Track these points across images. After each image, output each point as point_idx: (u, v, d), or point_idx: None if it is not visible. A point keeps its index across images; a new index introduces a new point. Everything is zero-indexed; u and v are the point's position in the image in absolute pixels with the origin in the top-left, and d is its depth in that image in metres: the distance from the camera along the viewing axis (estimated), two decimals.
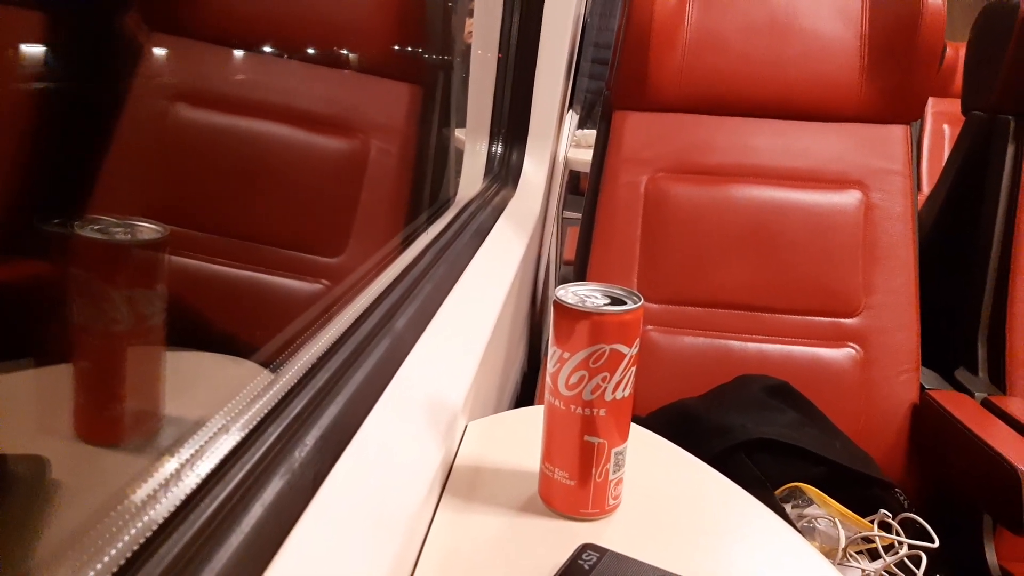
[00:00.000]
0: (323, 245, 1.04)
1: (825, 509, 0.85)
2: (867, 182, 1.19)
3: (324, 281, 1.02)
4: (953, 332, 1.25)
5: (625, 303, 0.47)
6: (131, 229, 0.46)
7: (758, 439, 0.91)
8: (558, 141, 1.45)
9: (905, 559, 0.81)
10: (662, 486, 0.54)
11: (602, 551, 0.44)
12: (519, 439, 0.58)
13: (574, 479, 0.48)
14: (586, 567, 0.42)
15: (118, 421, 0.43)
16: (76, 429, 0.42)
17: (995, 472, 0.94)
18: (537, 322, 1.48)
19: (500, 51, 1.23)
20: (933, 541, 0.80)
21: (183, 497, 0.31)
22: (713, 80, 1.23)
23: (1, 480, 0.35)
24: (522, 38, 1.24)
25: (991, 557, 1.03)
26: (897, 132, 1.21)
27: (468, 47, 1.28)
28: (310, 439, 0.39)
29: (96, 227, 0.44)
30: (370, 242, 1.04)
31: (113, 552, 0.27)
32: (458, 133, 1.29)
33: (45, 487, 0.37)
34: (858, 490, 0.91)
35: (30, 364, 0.42)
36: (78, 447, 0.42)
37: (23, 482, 0.36)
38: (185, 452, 0.33)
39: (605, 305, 0.47)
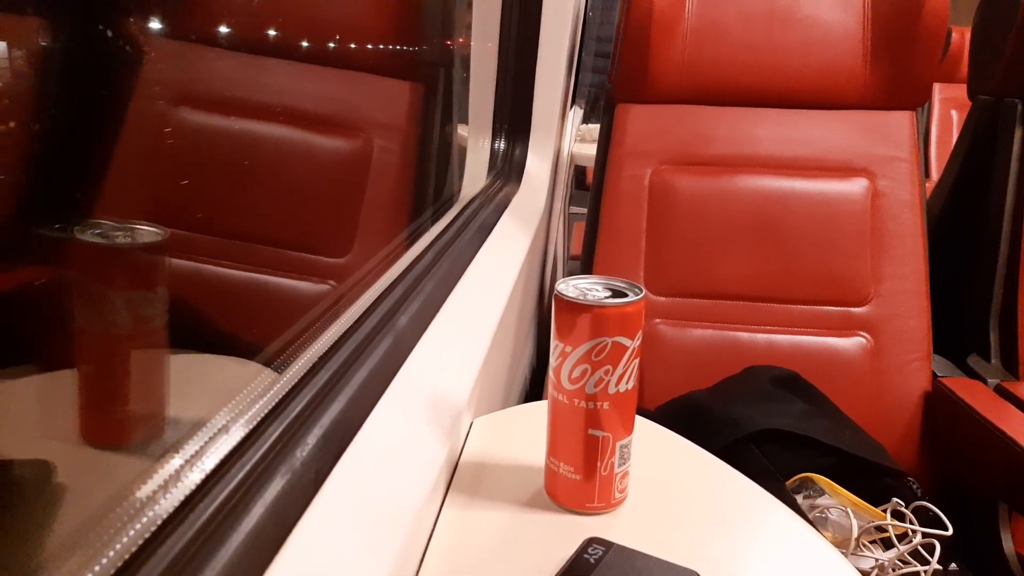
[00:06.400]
0: (329, 245, 1.04)
1: (837, 499, 0.84)
2: (873, 169, 1.18)
3: (331, 281, 1.02)
4: (964, 318, 1.24)
5: (626, 295, 0.47)
6: (131, 232, 0.46)
7: (767, 430, 0.90)
8: (562, 136, 1.45)
9: (919, 548, 0.80)
10: (670, 479, 0.54)
11: (608, 545, 0.44)
12: (525, 434, 0.58)
13: (579, 473, 0.48)
14: (592, 561, 0.42)
15: (121, 424, 0.43)
16: (80, 433, 0.43)
17: (1010, 459, 0.93)
18: (545, 318, 1.48)
19: (501, 46, 1.23)
20: (947, 529, 0.79)
21: (184, 497, 0.31)
22: (715, 70, 1.22)
23: (7, 485, 0.35)
24: (522, 33, 1.23)
25: (1007, 544, 1.02)
26: (902, 118, 1.20)
27: (468, 44, 1.28)
28: (312, 438, 0.39)
29: (96, 231, 0.44)
30: (376, 241, 1.04)
31: (112, 553, 0.27)
32: (460, 130, 1.29)
33: (51, 491, 0.37)
34: (870, 479, 0.90)
35: (33, 370, 0.42)
36: (82, 450, 0.42)
37: (29, 487, 0.36)
38: (186, 452, 0.33)
39: (606, 298, 0.47)
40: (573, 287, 0.48)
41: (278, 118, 1.01)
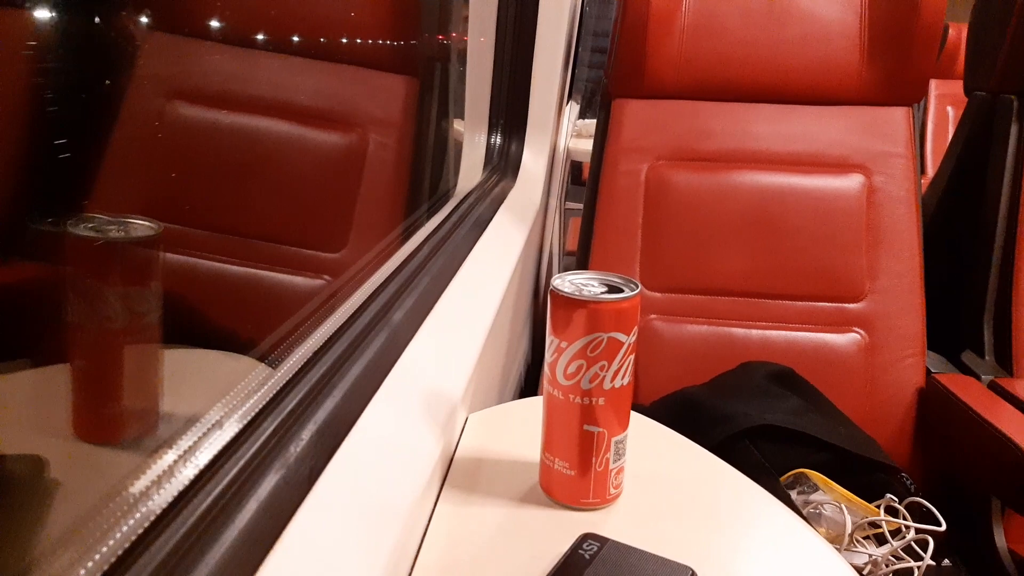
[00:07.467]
0: (324, 240, 1.03)
1: (831, 495, 0.85)
2: (869, 165, 1.18)
3: (326, 276, 1.02)
4: (959, 315, 1.24)
5: (622, 291, 0.47)
6: (124, 227, 0.46)
7: (762, 426, 0.90)
8: (558, 131, 1.45)
9: (912, 543, 0.80)
10: (664, 475, 0.54)
11: (603, 540, 0.44)
12: (520, 430, 0.58)
13: (574, 469, 0.48)
14: (587, 557, 0.42)
15: (115, 419, 0.43)
16: (73, 428, 0.42)
17: (1003, 455, 0.93)
18: (540, 314, 1.48)
19: (497, 41, 1.22)
20: (940, 525, 0.79)
21: (177, 493, 0.31)
22: (712, 66, 1.22)
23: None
24: (519, 27, 1.23)
25: (1000, 540, 1.03)
26: (899, 115, 1.20)
27: (465, 38, 1.28)
28: (306, 433, 0.38)
29: (89, 225, 0.44)
30: (371, 236, 1.04)
31: (105, 549, 0.27)
32: (457, 125, 1.28)
33: (43, 486, 0.36)
34: (864, 475, 0.90)
35: (26, 364, 0.42)
36: (75, 446, 0.42)
37: (21, 482, 0.36)
38: (179, 448, 0.33)
39: (602, 293, 0.46)
40: (569, 282, 0.48)
41: (272, 113, 1.01)
